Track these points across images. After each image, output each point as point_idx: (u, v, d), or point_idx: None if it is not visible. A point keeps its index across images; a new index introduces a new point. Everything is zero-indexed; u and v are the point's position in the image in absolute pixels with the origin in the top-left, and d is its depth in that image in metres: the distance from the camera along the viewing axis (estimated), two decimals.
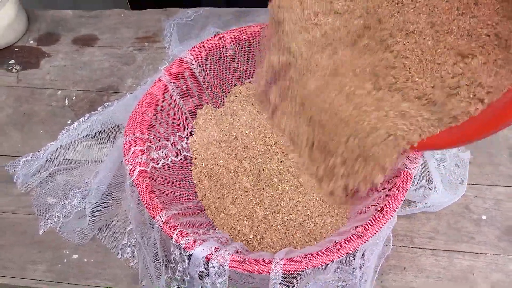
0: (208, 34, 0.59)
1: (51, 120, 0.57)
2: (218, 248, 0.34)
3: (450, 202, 0.45)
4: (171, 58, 0.61)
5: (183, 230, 0.35)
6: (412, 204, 0.44)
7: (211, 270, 0.33)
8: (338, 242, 0.33)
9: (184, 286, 0.38)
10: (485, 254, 0.43)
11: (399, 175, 0.36)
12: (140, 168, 0.39)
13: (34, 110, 0.58)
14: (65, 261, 0.46)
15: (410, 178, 0.36)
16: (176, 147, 0.47)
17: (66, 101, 0.59)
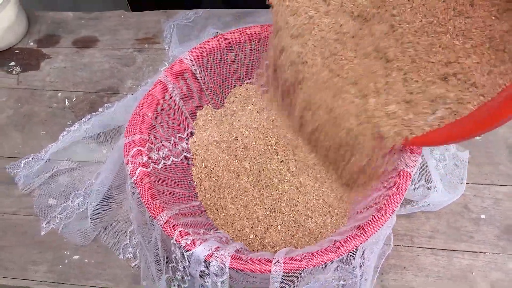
0: (208, 35, 0.60)
1: (51, 121, 0.57)
2: (218, 248, 0.34)
3: (450, 201, 0.45)
4: (171, 59, 0.61)
5: (183, 230, 0.35)
6: (411, 203, 0.44)
7: (212, 269, 0.33)
8: (338, 241, 0.34)
9: (185, 285, 0.38)
10: (484, 253, 0.43)
11: (398, 175, 0.36)
12: (141, 169, 0.39)
13: (35, 111, 0.58)
14: (66, 261, 0.46)
15: (409, 178, 0.36)
16: (177, 148, 0.47)
17: (67, 102, 0.59)
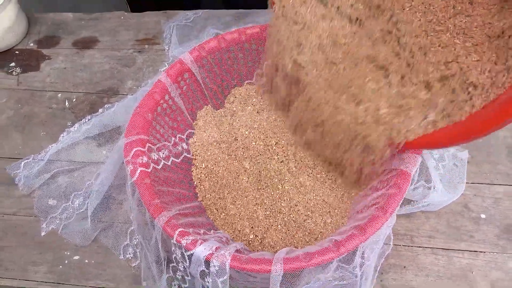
0: (208, 36, 0.60)
1: (51, 122, 0.57)
2: (219, 248, 0.34)
3: (449, 201, 0.45)
4: (171, 59, 0.61)
5: (184, 230, 0.35)
6: (411, 203, 0.44)
7: (212, 269, 0.33)
8: (338, 241, 0.34)
9: (185, 285, 0.38)
10: (484, 252, 0.43)
11: (398, 175, 0.36)
12: (141, 169, 0.39)
13: (35, 112, 0.58)
14: (66, 262, 0.46)
15: (409, 177, 0.36)
16: (177, 148, 0.47)
17: (67, 103, 0.59)
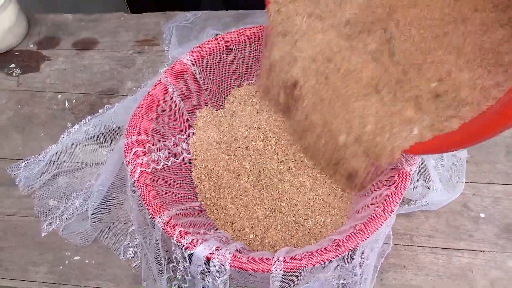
0: (207, 36, 0.60)
1: (51, 122, 0.57)
2: (219, 247, 0.34)
3: (449, 200, 0.45)
4: (170, 60, 0.61)
5: (184, 230, 0.35)
6: (411, 202, 0.44)
7: (212, 269, 0.33)
8: (338, 240, 0.34)
9: (185, 285, 0.38)
10: (483, 251, 0.43)
11: (397, 174, 0.36)
12: (141, 169, 0.39)
13: (35, 113, 0.58)
14: (66, 262, 0.46)
15: (408, 177, 0.36)
16: (177, 149, 0.48)
17: (67, 104, 0.59)
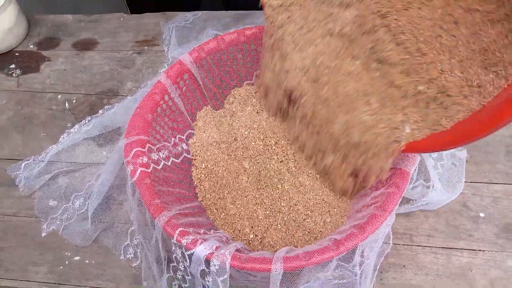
0: (207, 37, 0.60)
1: (51, 123, 0.57)
2: (219, 247, 0.34)
3: (448, 200, 0.45)
4: (170, 61, 0.61)
5: (184, 230, 0.35)
6: (410, 202, 0.44)
7: (213, 268, 0.33)
8: (337, 239, 0.34)
9: (186, 285, 0.38)
10: (483, 251, 0.43)
11: (397, 174, 0.36)
12: (141, 169, 0.39)
13: (35, 114, 0.58)
14: (66, 262, 0.46)
15: (408, 176, 0.36)
16: (177, 149, 0.48)
17: (67, 104, 0.59)
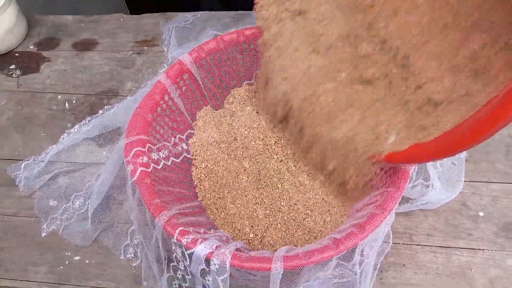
0: (207, 37, 0.60)
1: (51, 123, 0.57)
2: (219, 246, 0.34)
3: (448, 199, 0.46)
4: (170, 61, 0.61)
5: (184, 229, 0.35)
6: (410, 201, 0.45)
7: (213, 267, 0.33)
8: (337, 238, 0.34)
9: (186, 284, 0.38)
10: (482, 250, 0.43)
11: (396, 173, 0.36)
12: (141, 169, 0.39)
13: (35, 114, 0.58)
14: (66, 262, 0.46)
15: (407, 176, 0.36)
16: (176, 148, 0.48)
17: (67, 104, 0.59)
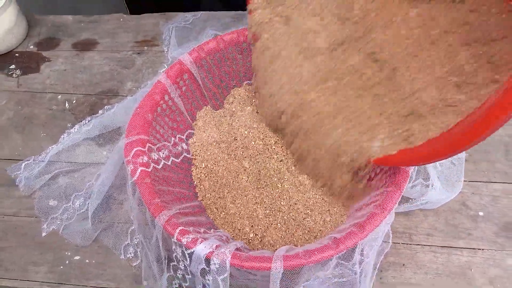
0: (207, 37, 0.60)
1: (51, 123, 0.57)
2: (219, 246, 0.34)
3: (448, 199, 0.46)
4: (170, 61, 0.61)
5: (184, 229, 0.35)
6: (409, 201, 0.45)
7: (213, 267, 0.33)
8: (337, 238, 0.34)
9: (186, 284, 0.38)
10: (482, 249, 0.43)
11: (396, 173, 0.36)
12: (141, 169, 0.39)
13: (35, 114, 0.58)
14: (66, 262, 0.46)
15: (407, 175, 0.36)
16: (177, 148, 0.48)
17: (67, 104, 0.59)
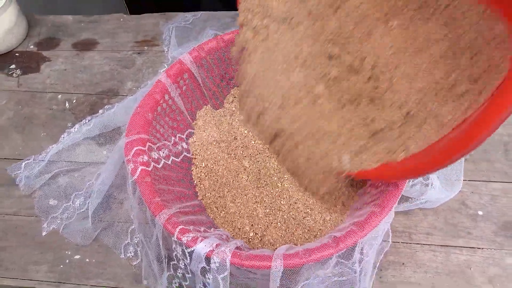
0: (207, 37, 0.60)
1: (51, 123, 0.57)
2: (219, 245, 0.34)
3: (447, 198, 0.46)
4: (170, 61, 0.61)
5: (184, 228, 0.35)
6: (409, 200, 0.45)
7: (213, 266, 0.33)
8: (337, 237, 0.34)
9: (186, 283, 0.38)
10: (482, 248, 0.44)
11: None
12: (141, 168, 0.39)
13: (35, 114, 0.59)
14: (67, 261, 0.46)
15: None
16: (177, 148, 0.48)
17: (67, 104, 0.59)
